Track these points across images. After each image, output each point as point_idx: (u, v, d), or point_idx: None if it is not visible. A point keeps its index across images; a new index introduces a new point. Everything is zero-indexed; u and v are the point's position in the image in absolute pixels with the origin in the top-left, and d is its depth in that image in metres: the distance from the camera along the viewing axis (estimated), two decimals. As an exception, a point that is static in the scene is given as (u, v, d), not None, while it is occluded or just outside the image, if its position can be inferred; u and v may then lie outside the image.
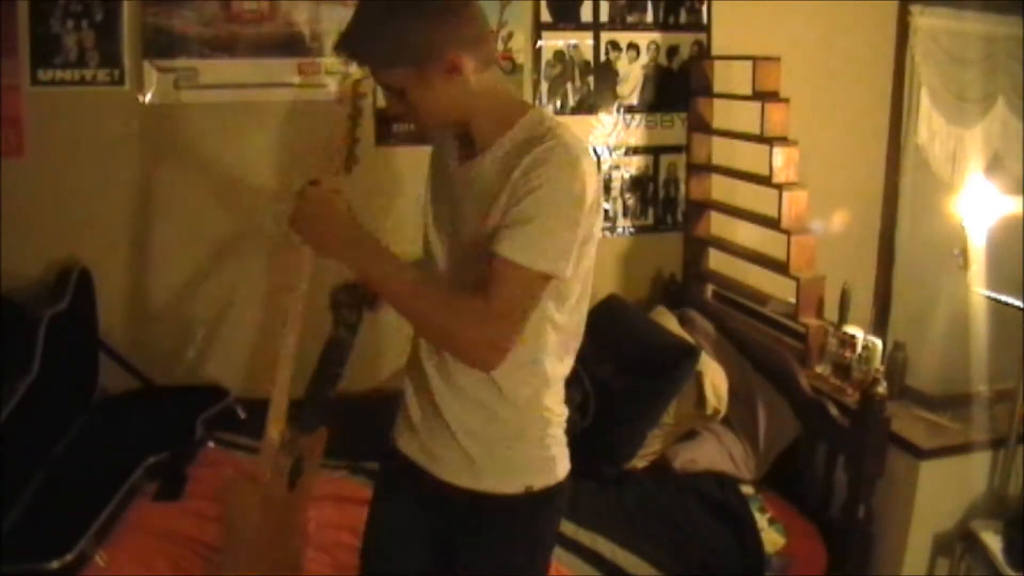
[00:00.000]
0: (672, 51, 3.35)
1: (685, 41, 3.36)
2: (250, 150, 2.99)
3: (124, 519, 2.23)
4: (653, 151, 3.41)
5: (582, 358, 2.79)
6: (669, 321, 3.02)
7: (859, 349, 2.68)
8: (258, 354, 3.03)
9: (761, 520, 2.51)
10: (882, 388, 2.39)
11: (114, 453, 2.47)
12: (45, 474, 2.41)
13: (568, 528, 2.36)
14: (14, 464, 2.26)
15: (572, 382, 2.72)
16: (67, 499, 2.28)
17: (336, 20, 2.96)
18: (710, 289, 3.42)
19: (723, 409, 2.71)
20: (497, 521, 1.62)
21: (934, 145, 3.49)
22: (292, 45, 2.94)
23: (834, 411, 2.55)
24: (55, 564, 2.02)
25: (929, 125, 3.49)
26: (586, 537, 2.35)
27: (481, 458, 1.58)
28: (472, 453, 1.58)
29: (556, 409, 1.64)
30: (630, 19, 3.29)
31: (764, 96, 2.95)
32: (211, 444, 2.60)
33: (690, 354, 2.66)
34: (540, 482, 1.61)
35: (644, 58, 3.33)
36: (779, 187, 2.86)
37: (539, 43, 3.20)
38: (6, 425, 2.26)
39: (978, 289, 2.71)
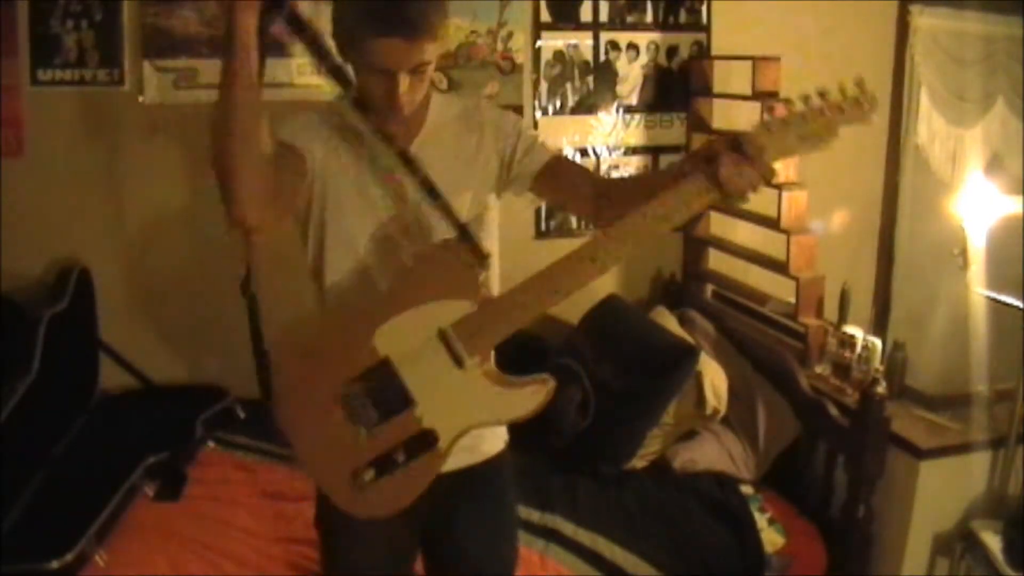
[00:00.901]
0: (672, 51, 3.35)
1: (685, 41, 3.36)
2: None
3: (124, 519, 2.24)
4: (652, 151, 3.41)
5: (581, 357, 2.83)
6: (669, 321, 3.02)
7: (859, 349, 2.68)
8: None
9: (761, 520, 2.51)
10: (882, 388, 2.39)
11: (114, 453, 2.47)
12: (45, 474, 2.41)
13: (568, 528, 2.36)
14: (14, 464, 2.26)
15: (571, 381, 2.75)
16: (67, 499, 2.28)
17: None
18: (710, 289, 3.42)
19: (723, 409, 2.71)
20: (489, 482, 1.70)
21: (934, 145, 3.49)
22: (292, 45, 2.93)
23: (834, 411, 2.55)
24: (55, 564, 2.02)
25: (929, 125, 3.49)
26: (586, 537, 2.35)
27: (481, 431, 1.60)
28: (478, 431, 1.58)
29: None
30: (630, 19, 3.29)
31: (764, 96, 2.95)
32: (211, 444, 2.60)
33: (690, 354, 2.66)
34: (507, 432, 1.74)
35: (644, 58, 3.33)
36: (779, 187, 2.86)
37: (539, 43, 3.20)
38: (6, 425, 2.26)
39: (978, 289, 2.71)
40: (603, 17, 3.25)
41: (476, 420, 1.52)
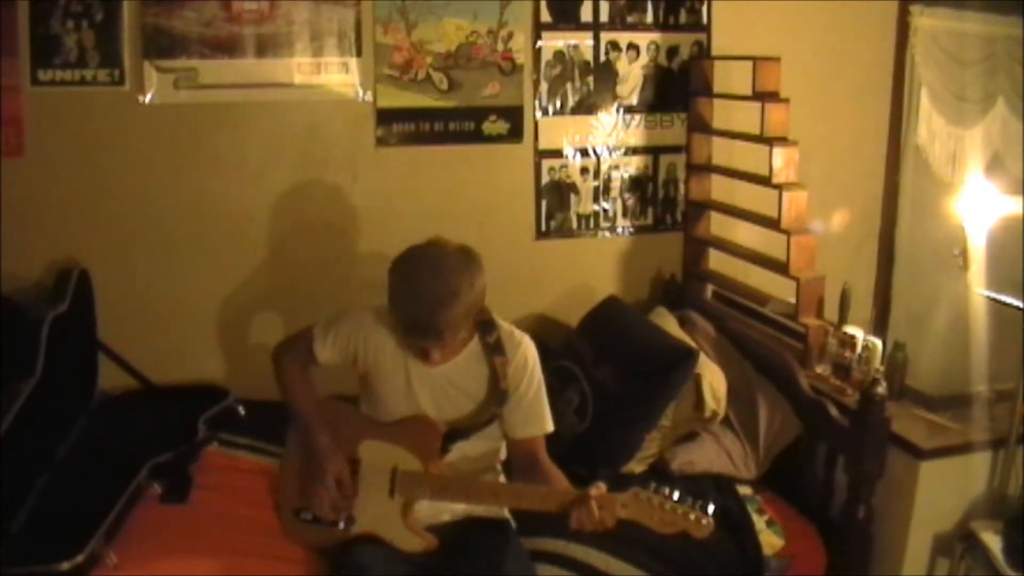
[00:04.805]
0: (672, 51, 3.35)
1: (685, 41, 3.36)
2: (250, 150, 2.99)
3: (131, 520, 2.23)
4: (653, 151, 3.41)
5: (580, 360, 2.82)
6: (669, 322, 3.01)
7: (859, 349, 2.68)
8: (258, 354, 3.02)
9: (759, 522, 2.50)
10: (882, 388, 2.39)
11: (117, 454, 2.46)
12: (50, 476, 2.40)
13: (558, 545, 2.29)
14: (20, 466, 2.25)
15: (570, 384, 2.75)
16: (73, 501, 2.27)
17: (336, 20, 2.96)
18: (710, 289, 3.42)
19: (721, 412, 2.70)
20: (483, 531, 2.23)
21: (934, 145, 3.49)
22: (292, 45, 2.94)
23: (834, 411, 2.55)
24: (66, 566, 2.01)
25: (929, 125, 3.49)
26: (578, 551, 2.28)
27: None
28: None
29: None
30: (630, 19, 3.29)
31: (764, 96, 2.94)
32: (215, 444, 2.60)
33: (688, 357, 2.65)
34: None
35: (644, 58, 3.33)
36: (779, 187, 2.86)
37: (539, 43, 3.20)
38: (10, 427, 2.25)
39: (978, 289, 2.71)
40: (603, 17, 3.25)
41: (379, 529, 2.12)
